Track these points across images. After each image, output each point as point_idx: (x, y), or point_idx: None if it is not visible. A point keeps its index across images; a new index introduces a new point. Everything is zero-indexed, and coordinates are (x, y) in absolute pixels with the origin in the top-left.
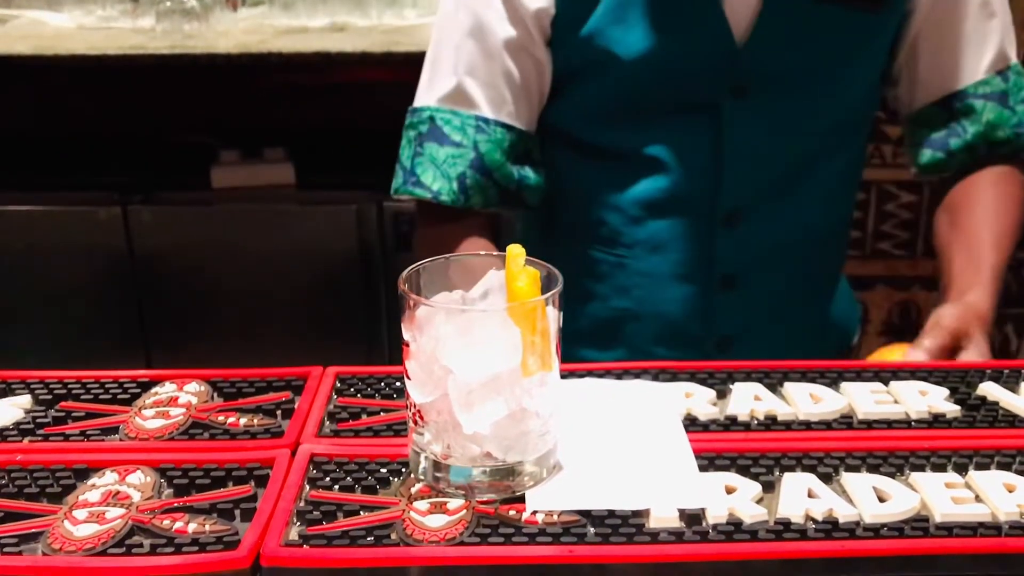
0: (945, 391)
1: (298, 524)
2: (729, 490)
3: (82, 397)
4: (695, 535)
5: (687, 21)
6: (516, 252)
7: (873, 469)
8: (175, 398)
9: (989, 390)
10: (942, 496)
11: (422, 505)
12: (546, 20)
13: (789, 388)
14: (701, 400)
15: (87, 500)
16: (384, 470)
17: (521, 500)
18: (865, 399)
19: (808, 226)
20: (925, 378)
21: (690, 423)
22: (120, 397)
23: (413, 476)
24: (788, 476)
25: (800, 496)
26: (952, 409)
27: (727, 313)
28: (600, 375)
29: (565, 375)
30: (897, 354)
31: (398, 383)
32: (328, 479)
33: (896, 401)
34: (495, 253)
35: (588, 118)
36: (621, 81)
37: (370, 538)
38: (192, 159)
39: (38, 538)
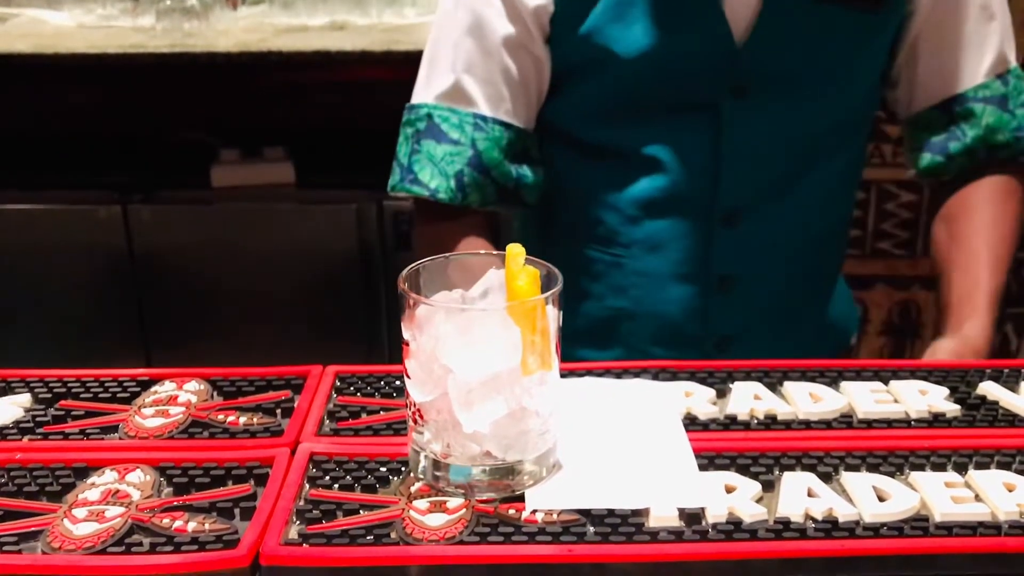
0: (945, 390)
1: (298, 523)
2: (729, 489)
3: (82, 396)
4: (695, 534)
5: (686, 20)
6: (516, 251)
7: (873, 468)
8: (175, 397)
9: (989, 389)
10: (942, 495)
11: (422, 504)
12: (545, 17)
13: (789, 387)
14: (701, 399)
15: (87, 499)
16: (384, 469)
17: (521, 499)
18: (865, 398)
19: (807, 226)
20: (925, 377)
21: (690, 422)
22: (120, 396)
23: (413, 475)
24: (788, 475)
25: (800, 495)
26: (952, 408)
27: (725, 313)
28: (600, 374)
29: (565, 374)
30: None
31: (398, 382)
32: (328, 478)
33: (896, 400)
34: (494, 252)
35: (586, 116)
36: (620, 80)
37: (370, 537)
38: (192, 158)
39: (38, 537)
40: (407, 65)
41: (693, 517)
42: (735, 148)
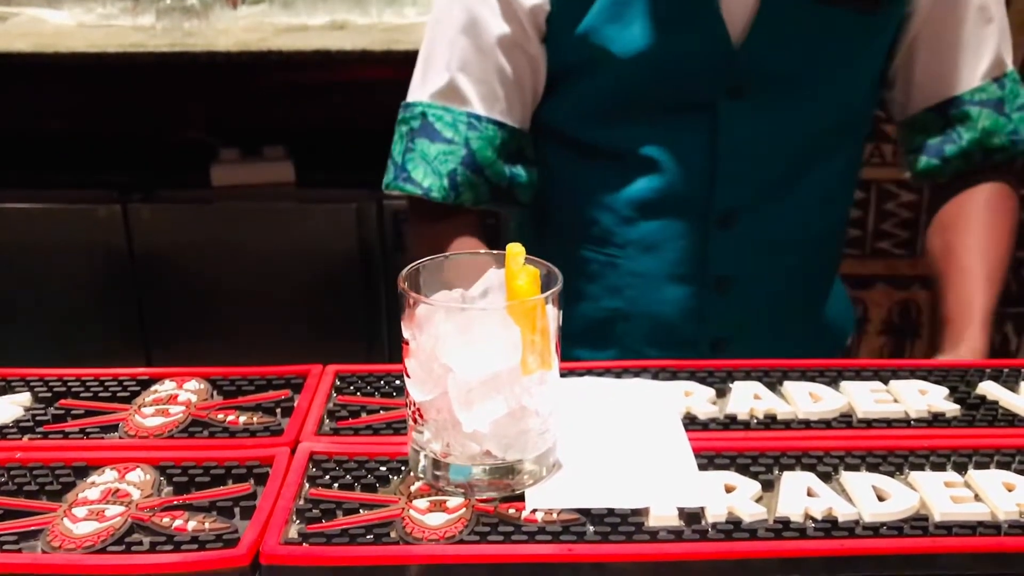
0: (944, 390)
1: (297, 522)
2: (728, 489)
3: (81, 395)
4: (694, 534)
5: (683, 21)
6: (516, 251)
7: (872, 468)
8: (175, 396)
9: (988, 389)
10: (941, 495)
11: (422, 503)
12: (541, 17)
13: (788, 387)
14: (700, 399)
15: (87, 498)
16: (384, 468)
17: (520, 498)
18: (864, 398)
19: (804, 228)
20: (925, 377)
21: (689, 422)
22: (120, 395)
23: (413, 474)
24: (787, 475)
25: (799, 495)
26: (951, 408)
27: (720, 315)
28: (599, 374)
29: (564, 374)
30: None
31: (398, 381)
32: (327, 477)
33: (895, 400)
34: (492, 252)
35: (582, 116)
36: (616, 80)
37: (369, 536)
38: (192, 157)
39: (38, 536)
40: (407, 65)
41: (693, 517)
42: (731, 149)
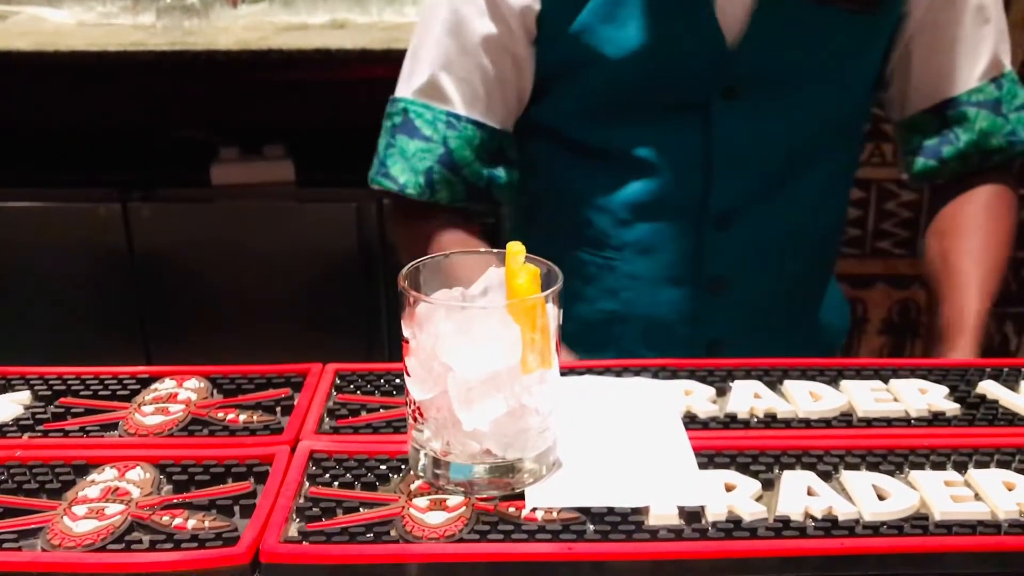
0: (945, 389)
1: (297, 521)
2: (728, 488)
3: (81, 393)
4: (694, 532)
5: (678, 21)
6: (516, 249)
7: (872, 467)
8: (174, 394)
9: (988, 388)
10: (941, 494)
11: (421, 502)
12: (531, 17)
13: (789, 386)
14: (701, 398)
15: (86, 496)
16: (383, 467)
17: (520, 497)
18: (865, 397)
19: (799, 229)
20: (925, 376)
21: (690, 421)
22: (119, 393)
23: (413, 473)
24: (787, 474)
25: (799, 494)
26: (951, 407)
27: (716, 316)
28: (599, 373)
29: (565, 372)
30: None
31: (398, 380)
32: (327, 476)
33: (896, 399)
34: (488, 251)
35: (576, 116)
36: (610, 79)
37: (369, 535)
38: (192, 156)
39: (37, 534)
40: None
41: (693, 515)
42: (726, 150)
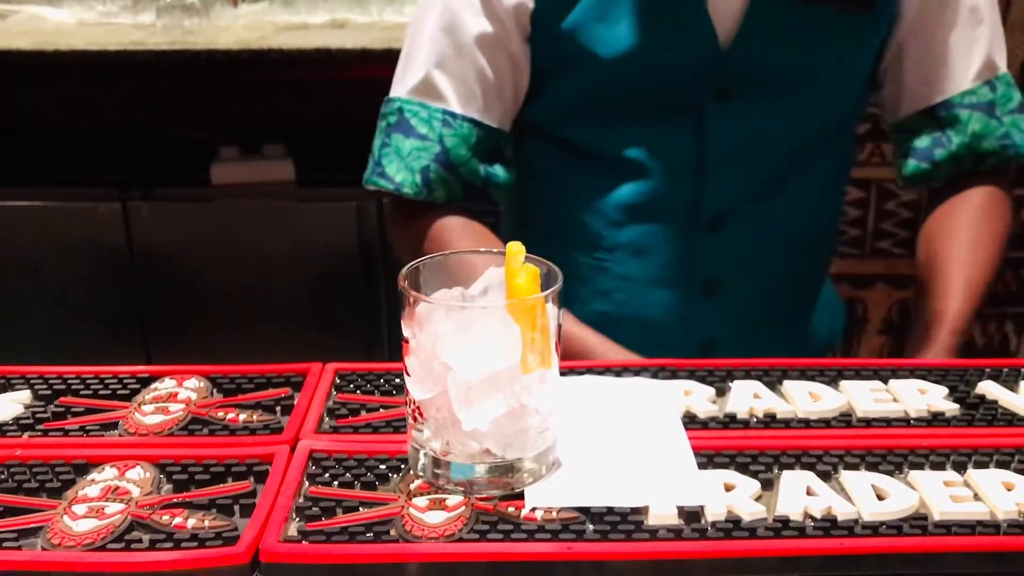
0: (944, 389)
1: (297, 520)
2: (728, 487)
3: (81, 393)
4: (694, 532)
5: (670, 21)
6: (516, 249)
7: (872, 467)
8: (174, 394)
9: (988, 388)
10: (941, 494)
11: (421, 502)
12: (524, 15)
13: (788, 386)
14: (700, 398)
15: (86, 495)
16: (383, 466)
17: (520, 497)
18: (864, 397)
19: (793, 230)
20: (924, 376)
21: (689, 420)
22: (120, 393)
23: (412, 473)
24: (787, 474)
25: (799, 494)
26: (951, 407)
27: (709, 318)
28: (599, 372)
29: (564, 372)
30: None
31: (397, 379)
32: (327, 475)
33: (895, 399)
34: (482, 229)
35: (568, 116)
36: (601, 79)
37: (369, 534)
38: (192, 155)
39: (37, 533)
40: None
41: (692, 515)
42: (719, 151)
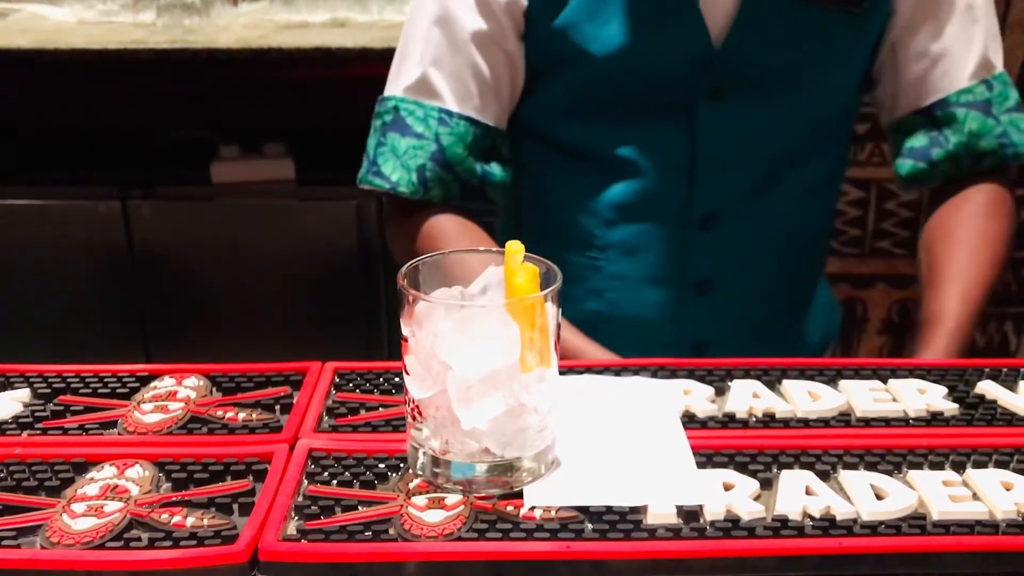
0: (943, 389)
1: (296, 519)
2: (727, 487)
3: (81, 391)
4: (693, 531)
5: (662, 20)
6: (515, 248)
7: (871, 467)
8: (174, 392)
9: (987, 388)
10: (939, 494)
11: (420, 500)
12: (518, 12)
13: (787, 385)
14: (699, 397)
15: (85, 494)
16: (382, 465)
17: (519, 496)
18: (863, 397)
19: (786, 230)
20: (923, 376)
21: (688, 420)
22: (119, 391)
23: (411, 471)
24: (786, 473)
25: (798, 493)
26: (950, 407)
27: (701, 318)
28: (598, 371)
29: (563, 371)
30: None
31: (397, 379)
32: (326, 474)
33: (894, 399)
34: (477, 229)
35: (561, 114)
36: (594, 78)
37: (368, 533)
38: (192, 154)
39: (36, 531)
40: None
41: (691, 514)
42: (712, 151)
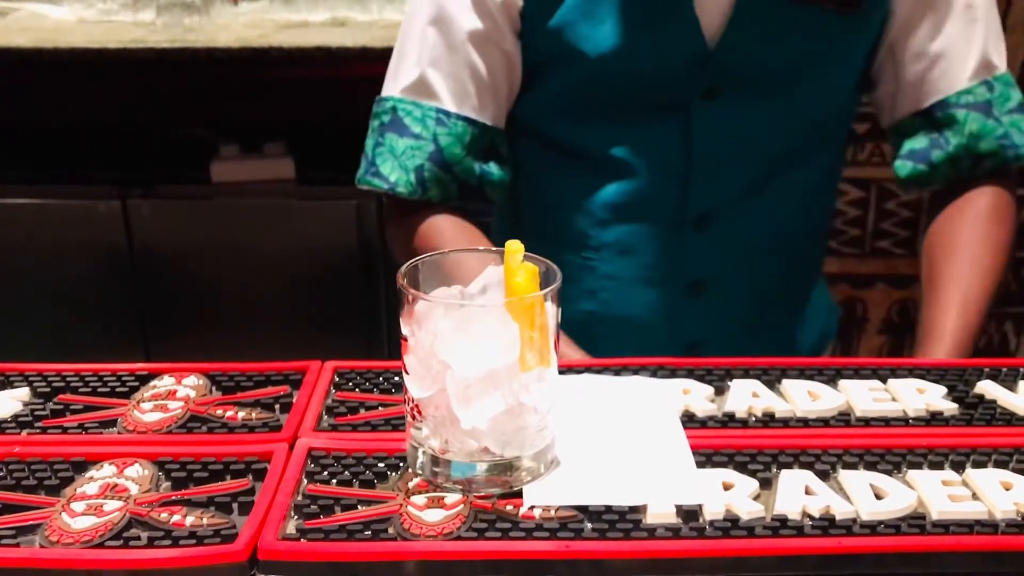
0: (943, 389)
1: (295, 518)
2: (726, 486)
3: (80, 390)
4: (692, 531)
5: (656, 19)
6: (515, 248)
7: (870, 466)
8: (173, 391)
9: (987, 388)
10: (939, 494)
11: (419, 500)
12: (514, 11)
13: (787, 385)
14: (699, 396)
15: (85, 493)
16: (382, 464)
17: (518, 495)
18: (863, 396)
19: (780, 231)
20: (923, 376)
21: (688, 419)
22: (118, 390)
23: (411, 471)
24: (785, 473)
25: (797, 493)
26: (950, 407)
27: (695, 318)
28: (598, 371)
29: (563, 371)
30: None
31: (396, 378)
32: (326, 473)
33: (894, 399)
34: (475, 231)
35: (556, 114)
36: (588, 77)
37: (367, 532)
38: (192, 153)
39: (36, 530)
40: None
41: (690, 514)
42: (706, 151)
